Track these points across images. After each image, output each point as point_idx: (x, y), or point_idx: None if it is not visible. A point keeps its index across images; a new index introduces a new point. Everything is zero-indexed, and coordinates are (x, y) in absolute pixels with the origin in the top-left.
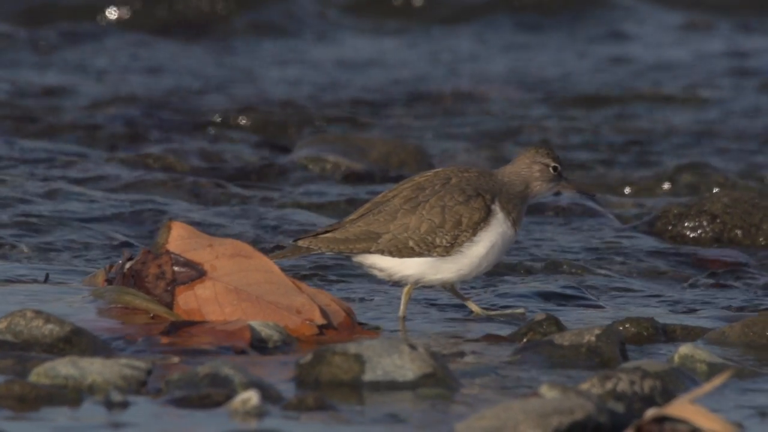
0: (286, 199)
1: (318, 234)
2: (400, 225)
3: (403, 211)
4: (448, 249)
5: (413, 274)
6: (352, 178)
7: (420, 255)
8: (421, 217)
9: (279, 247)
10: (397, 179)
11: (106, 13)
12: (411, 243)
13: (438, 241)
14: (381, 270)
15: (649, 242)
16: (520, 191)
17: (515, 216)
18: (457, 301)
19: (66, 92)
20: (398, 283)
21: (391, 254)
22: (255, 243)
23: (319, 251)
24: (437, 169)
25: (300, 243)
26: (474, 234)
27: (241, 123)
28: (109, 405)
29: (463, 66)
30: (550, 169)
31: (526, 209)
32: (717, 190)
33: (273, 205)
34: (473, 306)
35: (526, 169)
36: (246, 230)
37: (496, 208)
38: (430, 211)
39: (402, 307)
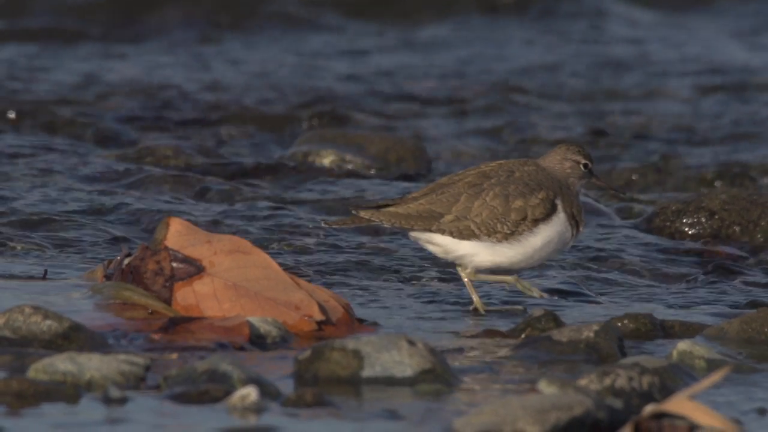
0: (284, 195)
1: (379, 206)
2: (463, 207)
3: (467, 195)
4: (507, 236)
5: (468, 254)
6: (350, 174)
7: (478, 238)
8: (484, 203)
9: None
10: (397, 177)
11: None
12: (473, 226)
13: (499, 227)
14: (437, 246)
15: (647, 238)
16: (565, 187)
17: (579, 216)
18: (456, 297)
19: (61, 87)
20: (452, 261)
21: (452, 234)
22: (253, 239)
23: (380, 223)
24: (501, 161)
25: (362, 213)
26: (535, 225)
27: (239, 119)
28: (108, 401)
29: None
30: (581, 166)
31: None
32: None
33: (271, 202)
34: (477, 300)
35: (559, 166)
36: (244, 226)
37: (559, 205)
38: (493, 198)
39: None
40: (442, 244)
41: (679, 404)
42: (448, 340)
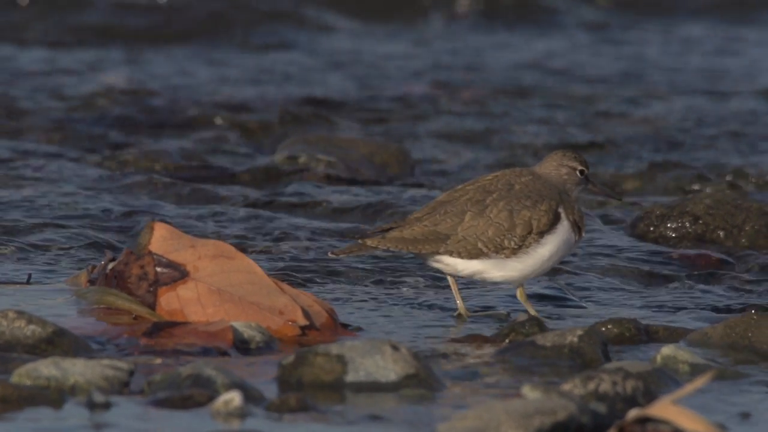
0: (268, 200)
1: (383, 230)
2: (468, 227)
3: (471, 213)
4: (516, 251)
5: (479, 271)
6: (333, 178)
7: (487, 256)
8: (489, 220)
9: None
10: (380, 181)
11: None
12: (480, 245)
13: (506, 243)
14: (447, 266)
15: (631, 243)
16: (563, 193)
17: (580, 222)
18: (440, 302)
19: (44, 91)
20: (464, 278)
21: (460, 255)
22: (237, 244)
23: (387, 250)
24: (497, 173)
25: (368, 242)
26: (541, 237)
27: (222, 123)
28: (92, 406)
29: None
30: (577, 172)
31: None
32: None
33: (255, 206)
34: (461, 305)
35: (555, 172)
36: (228, 231)
37: (562, 213)
38: (498, 215)
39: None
40: (451, 264)
41: (663, 409)
42: (432, 345)
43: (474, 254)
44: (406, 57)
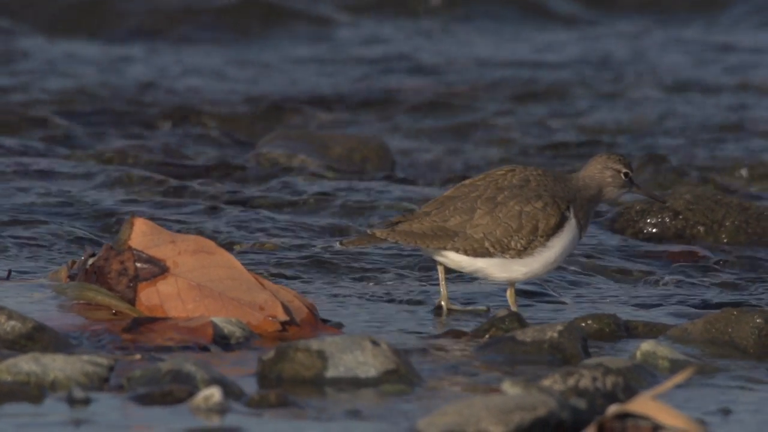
0: (248, 195)
1: (393, 223)
2: (476, 226)
3: (480, 211)
4: (521, 252)
5: (483, 269)
6: (313, 174)
7: (493, 256)
8: (498, 220)
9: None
10: (360, 176)
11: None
12: (487, 244)
13: (513, 244)
14: (452, 262)
15: (611, 238)
16: (593, 195)
17: (584, 222)
18: (420, 298)
19: (22, 88)
20: (467, 275)
21: (466, 253)
22: (217, 239)
23: (395, 243)
24: (515, 167)
25: (377, 233)
26: (547, 240)
27: (203, 119)
28: (72, 401)
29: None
30: (622, 175)
31: (593, 213)
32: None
33: (236, 202)
34: (444, 294)
35: (599, 174)
36: (208, 227)
37: (570, 215)
38: (507, 215)
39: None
40: (456, 260)
41: (643, 404)
42: (412, 340)
43: (480, 253)
44: (385, 51)
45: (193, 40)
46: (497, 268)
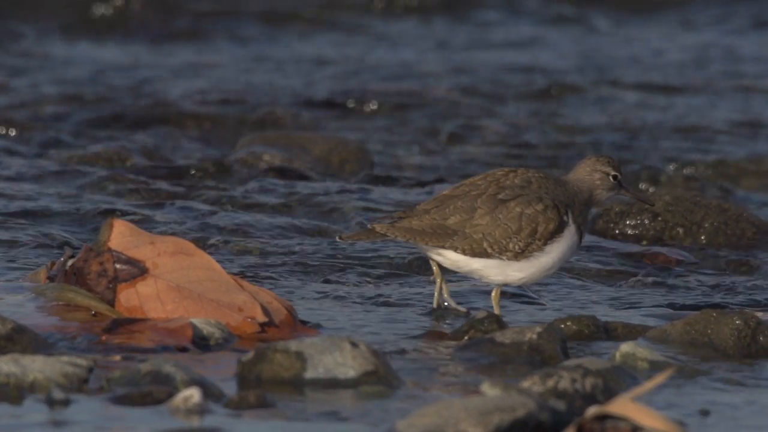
0: (227, 197)
1: (393, 220)
2: (476, 225)
3: (481, 211)
4: (518, 255)
5: (479, 270)
6: (292, 175)
7: (491, 256)
8: (498, 220)
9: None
10: (339, 178)
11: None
12: (485, 244)
13: (511, 245)
14: (449, 261)
15: (590, 240)
16: (586, 199)
17: (583, 228)
18: (399, 299)
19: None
20: (463, 275)
21: (464, 252)
22: (197, 241)
23: (395, 238)
24: (516, 168)
25: (377, 228)
26: (545, 244)
27: (183, 120)
28: (51, 403)
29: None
30: (610, 177)
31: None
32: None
33: (214, 204)
34: (438, 296)
35: (588, 177)
36: (187, 228)
37: (569, 220)
38: (507, 216)
39: (495, 308)
40: (453, 260)
41: (622, 406)
42: (392, 341)
43: (478, 253)
44: (363, 52)
45: (172, 40)
46: (494, 270)
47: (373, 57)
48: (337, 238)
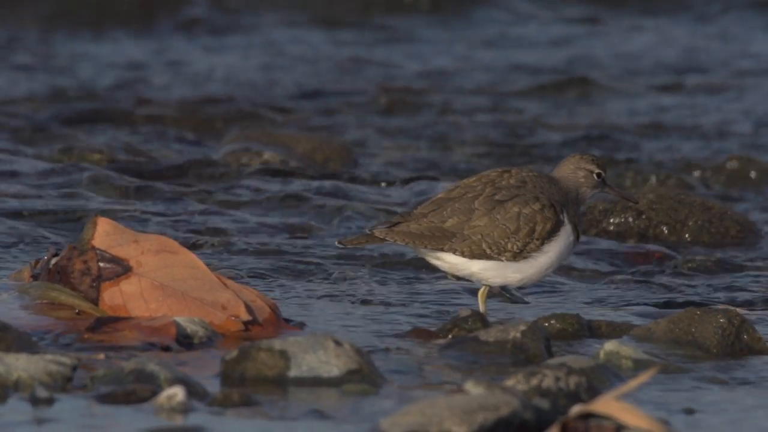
0: (211, 195)
1: (391, 224)
2: (474, 227)
3: (479, 212)
4: (516, 255)
5: (478, 272)
6: (276, 174)
7: (489, 258)
8: (496, 221)
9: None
10: (322, 176)
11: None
12: (484, 245)
13: (509, 246)
14: (447, 264)
15: None
16: (574, 198)
17: (579, 226)
18: (382, 297)
19: None
20: (461, 279)
21: (463, 254)
22: (180, 239)
23: (394, 243)
24: (509, 168)
25: (376, 233)
26: (543, 244)
27: (167, 118)
28: (35, 401)
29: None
30: (594, 175)
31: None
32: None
33: (198, 201)
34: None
35: (572, 175)
36: (171, 226)
37: (565, 219)
38: (505, 216)
39: (481, 306)
40: (452, 263)
41: (606, 405)
42: (375, 340)
43: (477, 254)
44: (351, 52)
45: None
46: (492, 272)
47: (358, 55)
48: (336, 243)
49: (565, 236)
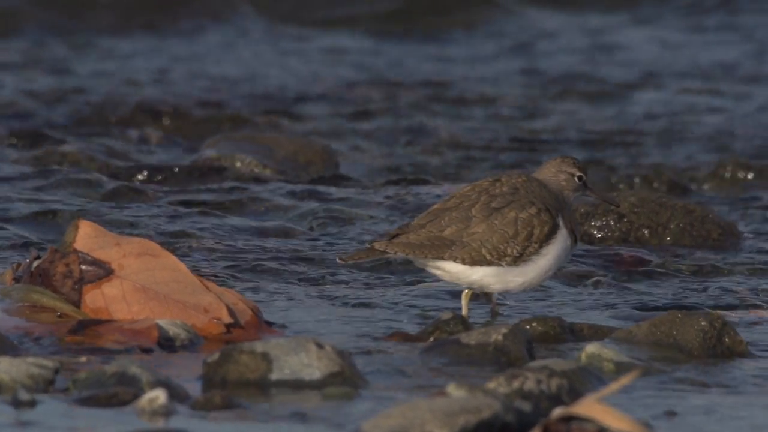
0: (193, 198)
1: (391, 237)
2: (473, 234)
3: (476, 219)
4: (516, 259)
5: (479, 280)
6: (257, 177)
7: (490, 264)
8: (494, 227)
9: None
10: (304, 179)
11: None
12: (484, 251)
13: (509, 250)
14: (448, 273)
15: None
16: (561, 200)
17: (576, 231)
18: (364, 299)
19: None
20: (463, 287)
21: (463, 261)
22: (163, 242)
23: (395, 255)
24: (499, 176)
25: (376, 246)
26: (541, 247)
27: (149, 121)
28: (17, 404)
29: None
30: (575, 178)
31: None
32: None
33: (180, 205)
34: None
35: (554, 178)
36: (153, 229)
37: (560, 222)
38: (502, 221)
39: (464, 309)
40: (453, 271)
41: (588, 407)
42: (357, 342)
43: (477, 261)
44: (330, 53)
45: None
46: (493, 279)
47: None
48: (338, 260)
49: (561, 239)
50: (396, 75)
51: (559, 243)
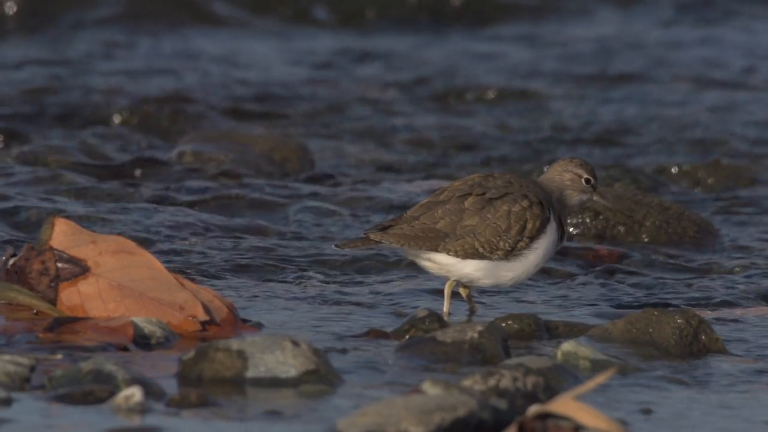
0: (168, 195)
1: (385, 227)
2: (466, 226)
3: (469, 212)
4: (508, 253)
5: (470, 274)
6: (233, 174)
7: (482, 257)
8: (487, 220)
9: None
10: (279, 176)
11: None
12: (476, 244)
13: (501, 244)
14: (439, 266)
15: None
16: (558, 199)
17: (565, 226)
18: (340, 297)
19: None
20: (455, 281)
21: (456, 254)
22: (138, 240)
23: (390, 245)
24: (491, 172)
25: (371, 236)
26: (532, 241)
27: (123, 119)
28: None
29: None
30: (582, 180)
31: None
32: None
33: (155, 202)
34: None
35: (558, 177)
36: (129, 227)
37: (551, 216)
38: (495, 215)
39: (445, 304)
40: (444, 264)
41: (564, 405)
42: (333, 340)
43: (469, 254)
44: (306, 53)
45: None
46: (485, 272)
47: (317, 57)
48: (333, 246)
49: (550, 233)
50: (371, 72)
51: (549, 237)
